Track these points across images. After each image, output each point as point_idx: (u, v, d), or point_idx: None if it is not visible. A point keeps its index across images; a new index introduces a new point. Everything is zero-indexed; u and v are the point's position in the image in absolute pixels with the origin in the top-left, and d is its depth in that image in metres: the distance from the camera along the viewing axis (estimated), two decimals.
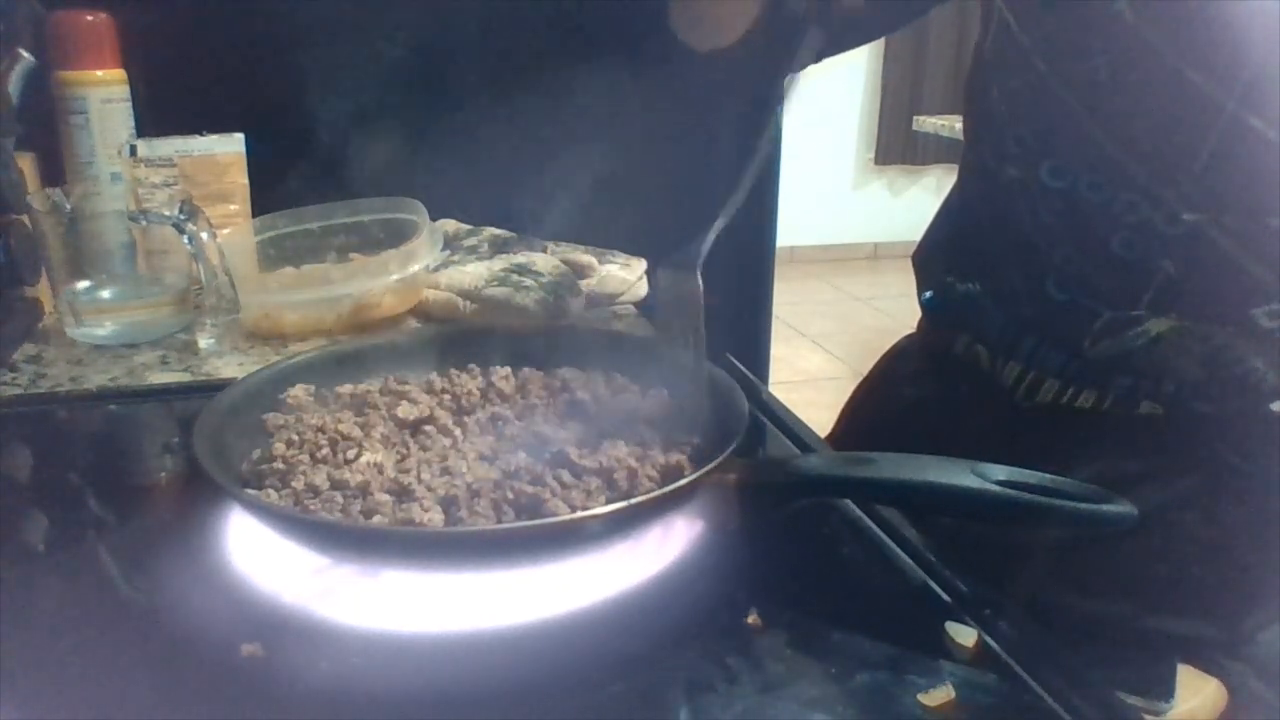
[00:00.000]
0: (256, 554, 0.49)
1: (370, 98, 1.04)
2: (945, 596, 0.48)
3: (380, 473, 0.52)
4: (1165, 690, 0.64)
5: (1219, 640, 0.67)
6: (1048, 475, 0.46)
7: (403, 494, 0.50)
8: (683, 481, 0.47)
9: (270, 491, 0.50)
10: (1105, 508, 0.46)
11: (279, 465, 0.53)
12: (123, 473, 0.66)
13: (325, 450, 0.54)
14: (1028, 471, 0.46)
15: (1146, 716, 0.63)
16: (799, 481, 0.50)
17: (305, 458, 0.53)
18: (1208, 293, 0.63)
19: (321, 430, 0.55)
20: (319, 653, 0.43)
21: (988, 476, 0.46)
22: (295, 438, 0.55)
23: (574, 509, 0.48)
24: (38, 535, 0.55)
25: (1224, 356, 0.63)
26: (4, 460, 0.65)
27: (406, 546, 0.47)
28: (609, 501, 0.48)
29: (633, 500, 0.46)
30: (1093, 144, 0.63)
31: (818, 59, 0.65)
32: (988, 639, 0.45)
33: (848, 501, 0.56)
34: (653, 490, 0.49)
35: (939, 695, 0.40)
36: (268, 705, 0.41)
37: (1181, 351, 0.64)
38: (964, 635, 0.45)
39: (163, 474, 0.61)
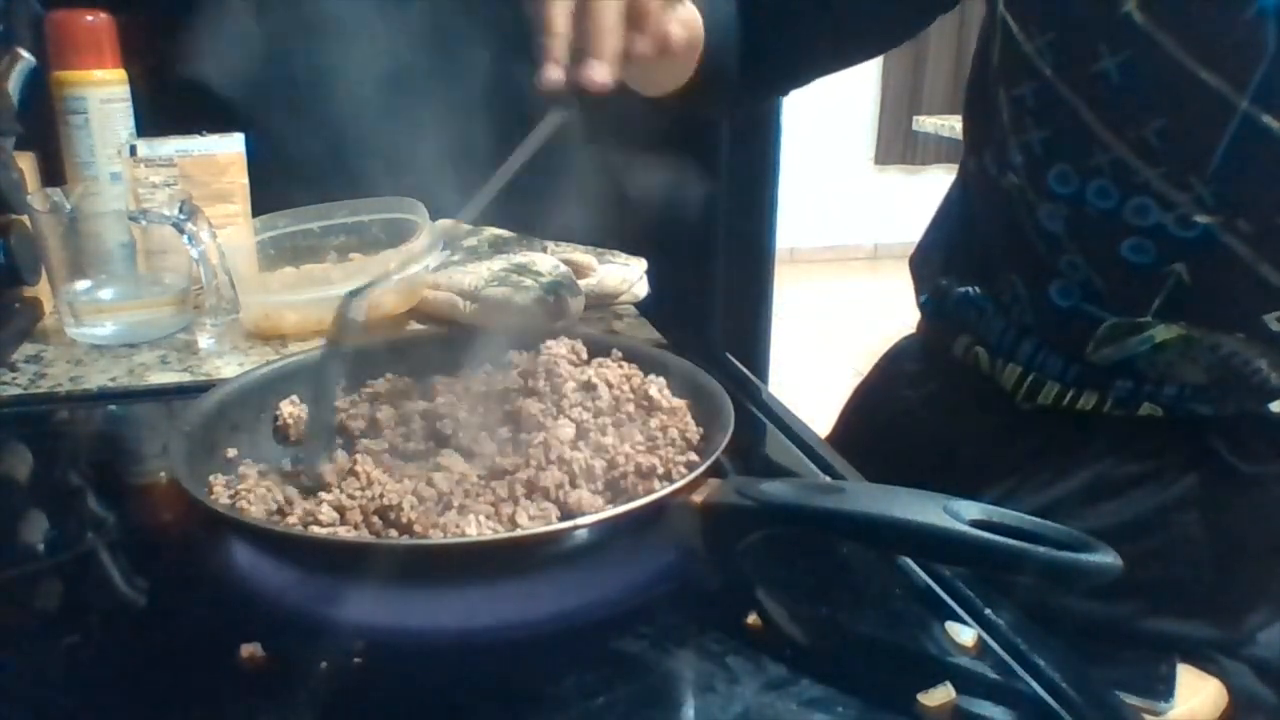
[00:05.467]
0: (256, 554, 0.49)
1: (370, 97, 1.04)
2: (945, 596, 0.48)
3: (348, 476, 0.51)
4: (1165, 690, 0.64)
5: (1219, 640, 0.67)
6: (1026, 516, 0.43)
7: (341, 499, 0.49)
8: (643, 501, 0.46)
9: (244, 497, 0.50)
10: (1085, 557, 0.41)
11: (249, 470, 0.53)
12: (123, 473, 0.66)
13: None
14: (1004, 511, 0.43)
15: (1146, 716, 0.63)
16: (764, 508, 0.47)
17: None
18: (1219, 298, 0.62)
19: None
20: (319, 653, 0.43)
21: (960, 515, 0.42)
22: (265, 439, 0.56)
23: (534, 524, 0.47)
24: (38, 535, 0.55)
25: (1231, 362, 0.63)
26: (4, 460, 0.65)
27: (330, 556, 0.46)
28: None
29: (589, 518, 0.45)
30: (1102, 148, 0.62)
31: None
32: (988, 639, 0.45)
33: None
34: (610, 508, 0.47)
35: (939, 695, 0.40)
36: (267, 706, 0.41)
37: (1187, 359, 0.64)
38: (964, 635, 0.45)
39: (162, 474, 0.61)
